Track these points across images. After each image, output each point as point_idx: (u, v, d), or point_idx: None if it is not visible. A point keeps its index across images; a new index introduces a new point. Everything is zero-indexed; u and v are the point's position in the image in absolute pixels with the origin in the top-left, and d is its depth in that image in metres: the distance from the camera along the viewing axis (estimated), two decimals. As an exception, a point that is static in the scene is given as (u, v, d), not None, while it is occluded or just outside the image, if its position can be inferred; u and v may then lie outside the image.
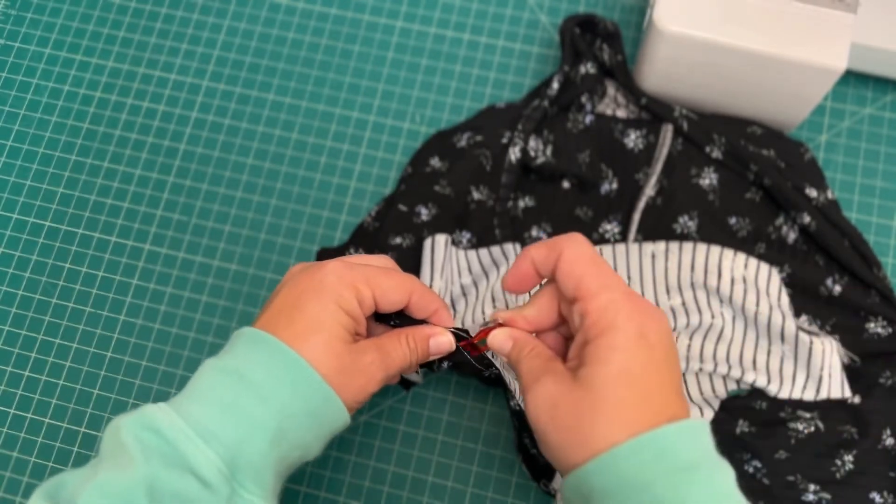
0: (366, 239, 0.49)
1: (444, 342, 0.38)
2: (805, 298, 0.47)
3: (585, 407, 0.31)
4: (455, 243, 0.47)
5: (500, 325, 0.37)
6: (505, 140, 0.49)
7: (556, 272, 0.34)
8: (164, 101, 0.54)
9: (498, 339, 0.37)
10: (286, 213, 0.51)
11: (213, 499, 0.31)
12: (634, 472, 0.30)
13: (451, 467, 0.46)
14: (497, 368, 0.40)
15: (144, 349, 0.48)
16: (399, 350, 0.37)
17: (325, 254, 0.49)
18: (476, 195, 0.48)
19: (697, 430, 0.31)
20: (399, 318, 0.39)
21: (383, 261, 0.40)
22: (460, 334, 0.39)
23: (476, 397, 0.47)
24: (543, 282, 0.36)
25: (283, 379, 0.33)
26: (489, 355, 0.39)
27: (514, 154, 0.48)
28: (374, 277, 0.36)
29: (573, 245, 0.34)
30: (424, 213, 0.48)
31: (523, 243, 0.48)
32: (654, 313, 0.33)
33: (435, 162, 0.50)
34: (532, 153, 0.49)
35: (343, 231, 0.50)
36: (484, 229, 0.48)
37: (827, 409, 0.44)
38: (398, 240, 0.47)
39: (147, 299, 0.49)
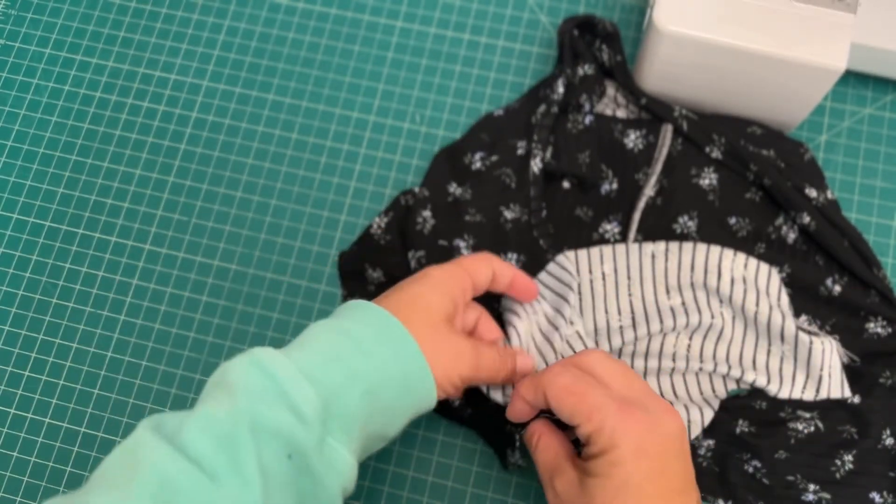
0: (377, 253, 0.48)
1: (528, 361, 0.42)
2: (805, 298, 0.47)
3: None
4: None
5: None
6: (520, 151, 0.49)
7: (549, 404, 0.36)
8: (164, 101, 0.54)
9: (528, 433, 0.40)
10: (286, 213, 0.51)
11: (307, 436, 0.33)
12: None
13: (451, 467, 0.46)
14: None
15: (144, 349, 0.48)
16: (489, 355, 0.40)
17: (345, 256, 0.49)
18: (508, 214, 0.48)
19: None
20: None
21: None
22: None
23: (476, 397, 0.47)
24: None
25: (385, 340, 0.36)
26: None
27: (536, 166, 0.48)
28: (466, 261, 0.41)
29: (552, 381, 0.36)
30: (463, 246, 0.47)
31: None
32: (652, 421, 0.34)
33: (454, 189, 0.49)
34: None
35: (343, 231, 0.50)
36: (526, 246, 0.48)
37: (827, 409, 0.44)
38: None
39: (147, 299, 0.49)
